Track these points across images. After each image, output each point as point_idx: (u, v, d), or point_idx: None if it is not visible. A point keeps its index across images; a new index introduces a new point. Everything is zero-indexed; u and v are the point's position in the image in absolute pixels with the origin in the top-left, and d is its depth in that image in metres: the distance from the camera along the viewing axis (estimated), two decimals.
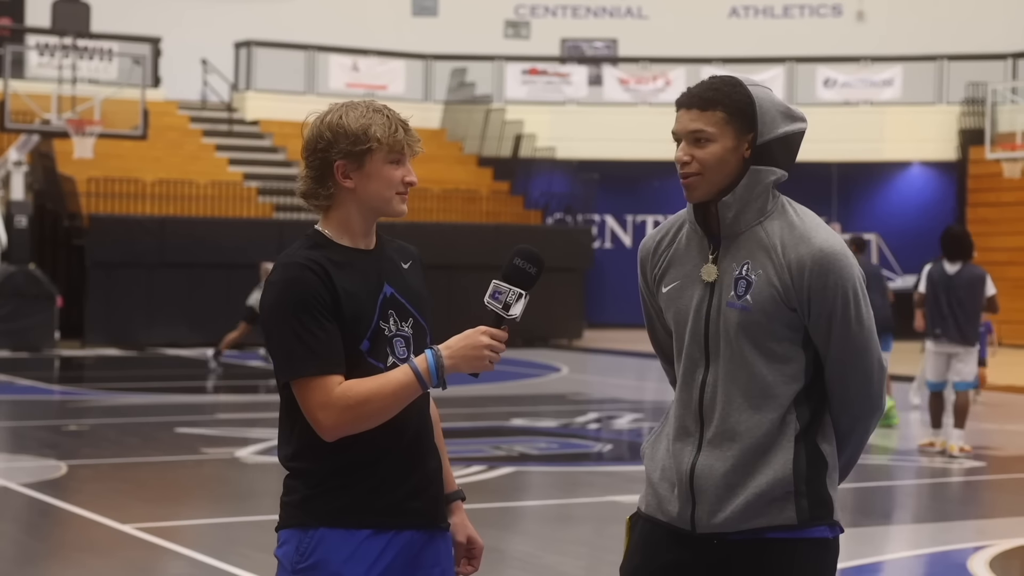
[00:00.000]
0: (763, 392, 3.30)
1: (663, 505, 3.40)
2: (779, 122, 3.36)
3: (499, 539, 8.68)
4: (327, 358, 3.26)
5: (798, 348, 3.32)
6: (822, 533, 3.35)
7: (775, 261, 3.30)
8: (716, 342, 3.33)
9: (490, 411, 15.19)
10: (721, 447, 3.32)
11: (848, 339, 3.31)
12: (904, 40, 32.16)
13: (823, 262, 3.29)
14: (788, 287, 3.28)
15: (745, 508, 3.29)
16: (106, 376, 19.81)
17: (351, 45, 32.07)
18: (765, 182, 3.35)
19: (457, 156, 31.32)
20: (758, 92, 3.35)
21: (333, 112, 3.38)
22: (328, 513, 3.32)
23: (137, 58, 26.27)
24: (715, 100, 3.31)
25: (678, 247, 3.44)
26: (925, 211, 30.55)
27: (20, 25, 30.40)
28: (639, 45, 33.57)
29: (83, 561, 8.18)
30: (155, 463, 11.77)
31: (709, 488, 3.32)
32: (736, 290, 3.31)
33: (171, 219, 25.09)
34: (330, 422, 3.25)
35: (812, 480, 3.32)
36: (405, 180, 3.42)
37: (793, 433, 3.31)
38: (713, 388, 3.33)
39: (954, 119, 30.67)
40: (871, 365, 3.36)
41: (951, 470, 12.10)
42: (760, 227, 3.34)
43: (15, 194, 23.44)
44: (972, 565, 8.13)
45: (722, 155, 3.30)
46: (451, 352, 3.30)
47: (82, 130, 23.21)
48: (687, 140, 3.33)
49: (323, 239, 3.41)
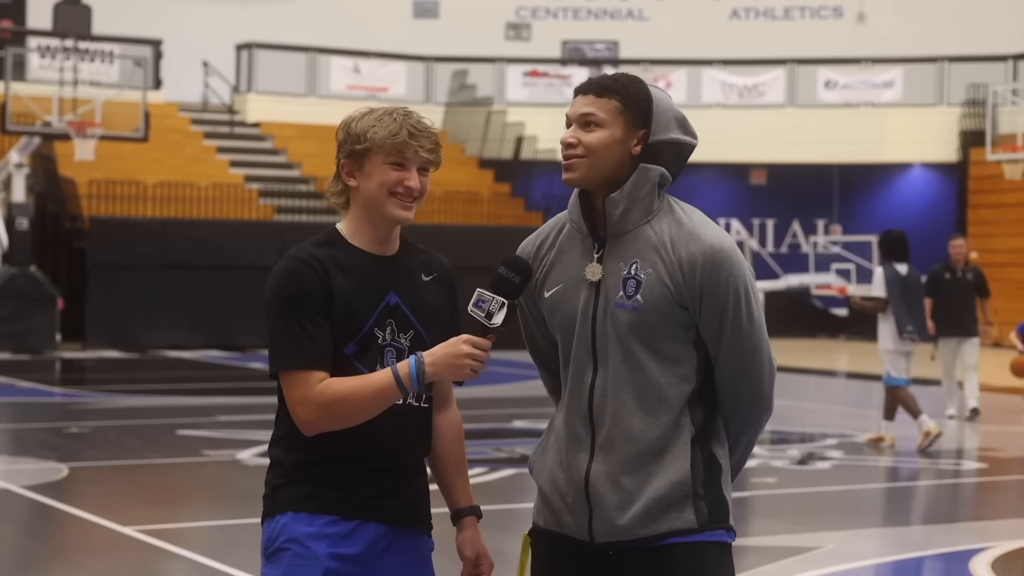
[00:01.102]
0: (655, 394, 3.22)
1: (558, 517, 3.31)
2: (673, 127, 3.29)
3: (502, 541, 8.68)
4: (311, 354, 3.29)
5: (690, 348, 3.25)
6: (722, 537, 3.27)
7: (665, 259, 3.22)
8: (604, 344, 3.24)
9: (492, 413, 15.18)
10: (615, 452, 3.23)
11: (739, 337, 3.24)
12: (905, 42, 32.16)
13: (714, 259, 3.21)
14: (680, 285, 3.21)
15: (644, 514, 3.21)
16: (107, 378, 19.80)
17: (352, 47, 32.08)
18: (653, 180, 3.26)
19: (458, 158, 31.33)
20: (657, 93, 3.30)
21: (354, 116, 3.46)
22: (292, 499, 3.36)
23: (138, 60, 26.28)
24: (612, 89, 3.27)
25: (560, 249, 3.36)
26: (926, 213, 30.54)
27: (21, 27, 30.42)
28: (640, 47, 33.57)
29: (84, 563, 8.17)
30: (156, 465, 11.77)
31: (605, 495, 3.23)
32: (625, 290, 3.23)
33: (172, 221, 25.09)
34: (308, 417, 3.29)
35: (709, 483, 3.25)
36: (405, 183, 3.39)
37: (688, 436, 3.23)
38: (603, 391, 3.24)
39: (955, 121, 30.67)
40: (761, 364, 3.29)
41: (952, 472, 12.10)
42: (648, 225, 3.26)
43: (16, 196, 23.44)
44: (974, 567, 8.12)
45: (609, 143, 3.26)
46: (433, 359, 3.28)
47: (83, 132, 23.21)
48: (577, 123, 3.30)
49: (337, 237, 3.44)
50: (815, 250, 31.50)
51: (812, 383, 19.68)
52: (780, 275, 30.80)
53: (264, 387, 18.48)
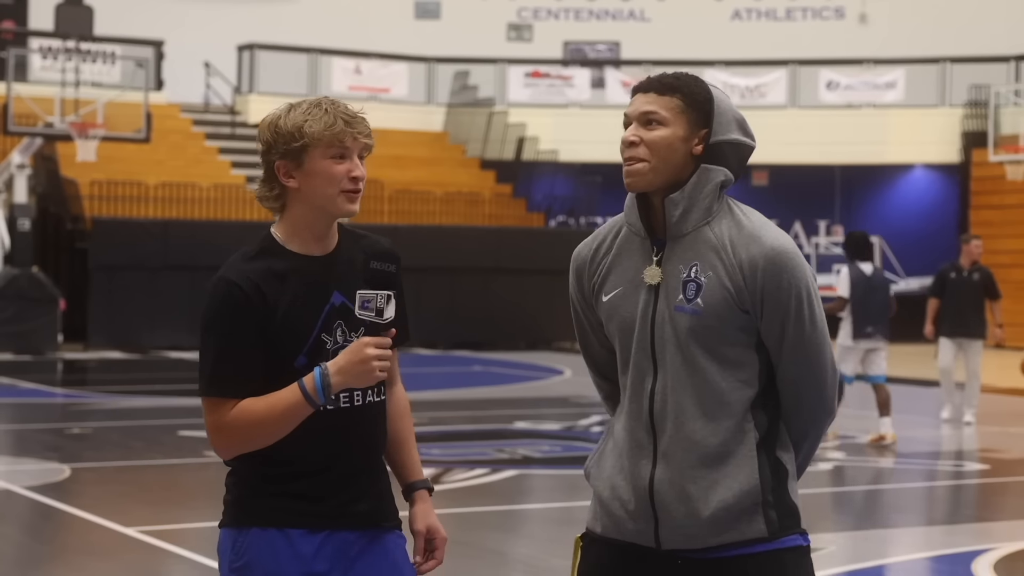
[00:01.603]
0: (716, 399, 3.16)
1: (620, 524, 3.24)
2: (733, 128, 3.22)
3: (502, 542, 8.68)
4: (229, 382, 3.24)
5: (751, 352, 3.19)
6: (795, 542, 3.23)
7: (726, 262, 3.15)
8: (664, 348, 3.18)
9: (493, 414, 15.17)
10: (677, 458, 3.17)
11: (802, 340, 3.18)
12: (907, 42, 32.16)
13: (776, 261, 3.14)
14: (741, 288, 3.14)
15: (713, 522, 3.15)
16: (109, 379, 19.81)
17: (354, 48, 32.09)
18: (714, 181, 3.19)
19: (460, 159, 31.33)
20: (717, 93, 3.23)
21: (276, 112, 3.32)
22: (261, 513, 3.31)
23: (140, 61, 26.28)
24: (674, 87, 3.20)
25: (618, 252, 3.29)
26: (928, 214, 30.55)
27: (23, 28, 30.43)
28: (642, 48, 33.57)
29: (86, 564, 8.17)
30: (158, 466, 11.77)
31: (671, 503, 3.17)
32: (685, 293, 3.16)
33: (174, 222, 25.09)
34: (221, 444, 3.28)
35: (777, 489, 3.20)
36: (351, 175, 3.29)
37: (753, 442, 3.17)
38: (663, 397, 3.18)
39: (957, 121, 30.66)
40: (824, 367, 3.23)
41: (954, 473, 12.09)
42: (707, 227, 3.18)
43: (18, 197, 23.45)
44: (976, 568, 8.12)
45: (672, 141, 3.18)
46: (338, 368, 3.21)
47: (85, 133, 23.21)
48: (638, 122, 3.22)
49: (272, 244, 3.35)
50: (817, 251, 31.50)
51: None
52: None
53: None
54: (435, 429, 13.61)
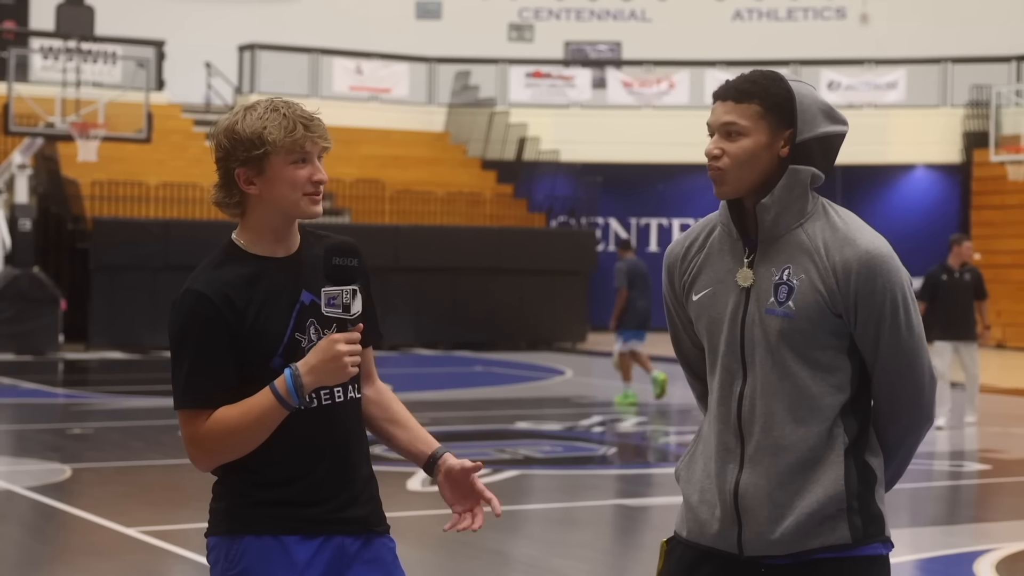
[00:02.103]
0: (808, 404, 3.11)
1: (704, 529, 3.21)
2: (820, 121, 3.16)
3: (504, 543, 8.67)
4: (200, 393, 3.24)
5: (843, 357, 3.15)
6: (876, 551, 3.20)
7: (819, 264, 3.11)
8: (753, 351, 3.14)
9: (494, 414, 15.16)
10: (764, 463, 3.13)
11: (898, 346, 3.13)
12: (908, 43, 32.15)
13: (871, 265, 3.11)
14: (834, 292, 3.10)
15: (796, 528, 3.11)
16: (110, 379, 19.81)
17: (355, 48, 32.09)
18: (804, 182, 3.15)
19: (461, 159, 31.33)
20: (799, 88, 3.17)
21: (232, 117, 3.26)
22: (255, 521, 3.29)
23: (141, 61, 26.28)
24: (751, 92, 3.14)
25: (710, 252, 3.25)
26: (929, 214, 30.54)
27: (24, 28, 30.43)
28: (643, 48, 33.57)
29: (87, 565, 8.17)
30: (159, 466, 11.77)
31: (756, 508, 3.13)
32: (777, 296, 3.12)
33: (175, 222, 25.09)
34: (199, 456, 3.27)
35: (863, 496, 3.16)
36: (313, 179, 3.25)
37: (842, 447, 3.13)
38: (752, 400, 3.14)
39: (958, 122, 30.65)
40: (922, 373, 3.18)
41: (956, 473, 12.08)
42: (800, 229, 3.15)
43: (19, 197, 23.45)
44: (978, 569, 8.11)
45: (754, 150, 3.12)
46: (309, 368, 3.18)
47: (86, 133, 23.21)
48: (719, 133, 3.16)
49: (236, 251, 3.31)
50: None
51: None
52: None
53: None
54: (436, 429, 13.58)
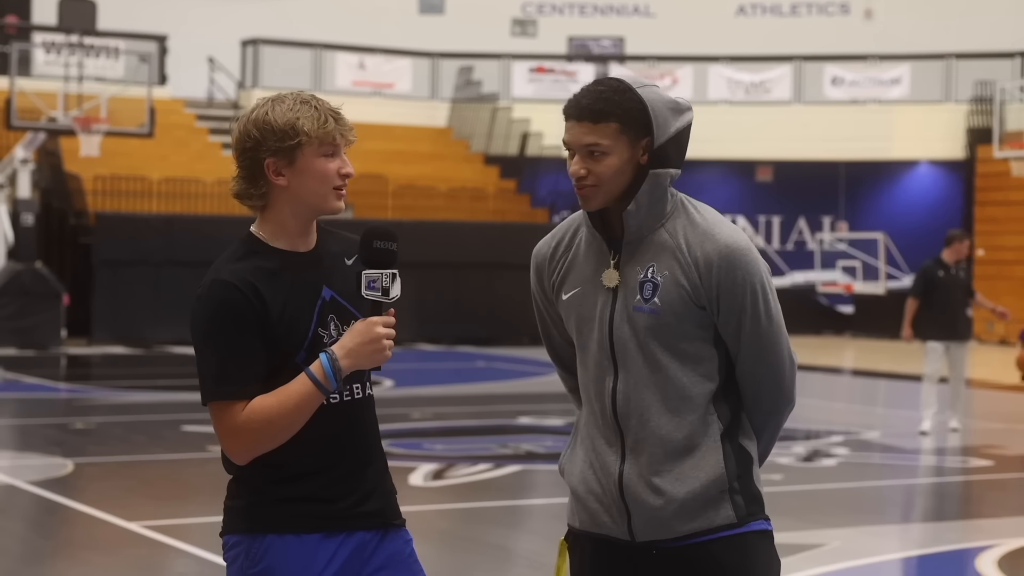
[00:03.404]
0: (679, 394, 3.23)
1: (596, 518, 3.32)
2: (671, 121, 3.24)
3: (506, 537, 8.67)
4: (236, 384, 3.20)
5: (710, 347, 3.26)
6: (762, 526, 3.30)
7: (681, 260, 3.22)
8: (624, 348, 3.24)
9: (497, 409, 15.16)
10: (645, 453, 3.24)
11: (758, 334, 3.25)
12: (912, 38, 32.12)
13: (730, 258, 3.21)
14: (696, 285, 3.21)
15: (682, 512, 3.23)
16: (112, 374, 19.81)
17: (358, 43, 32.07)
18: (664, 185, 3.25)
19: (463, 154, 31.31)
20: (647, 94, 3.23)
21: (259, 108, 3.26)
22: (276, 520, 3.27)
23: (143, 56, 26.26)
24: (606, 112, 3.20)
25: (576, 253, 3.34)
26: (933, 210, 30.52)
27: (26, 23, 30.42)
28: (646, 43, 33.55)
29: (89, 559, 8.17)
30: (162, 461, 11.77)
31: (641, 496, 3.24)
32: (642, 293, 3.23)
33: (178, 217, 25.09)
34: (236, 448, 3.22)
35: (742, 477, 3.27)
36: (341, 172, 3.28)
37: (717, 433, 3.25)
38: (625, 395, 3.25)
39: (962, 118, 30.62)
40: (782, 359, 3.30)
41: (958, 469, 12.08)
42: (662, 229, 3.25)
43: (21, 192, 23.44)
44: (980, 565, 8.11)
45: (619, 166, 3.21)
46: (346, 351, 3.19)
47: (88, 128, 23.20)
48: (581, 153, 3.25)
49: (257, 244, 3.29)
50: (821, 247, 31.48)
51: (818, 380, 19.65)
52: (786, 272, 30.78)
53: None
54: (438, 424, 13.58)
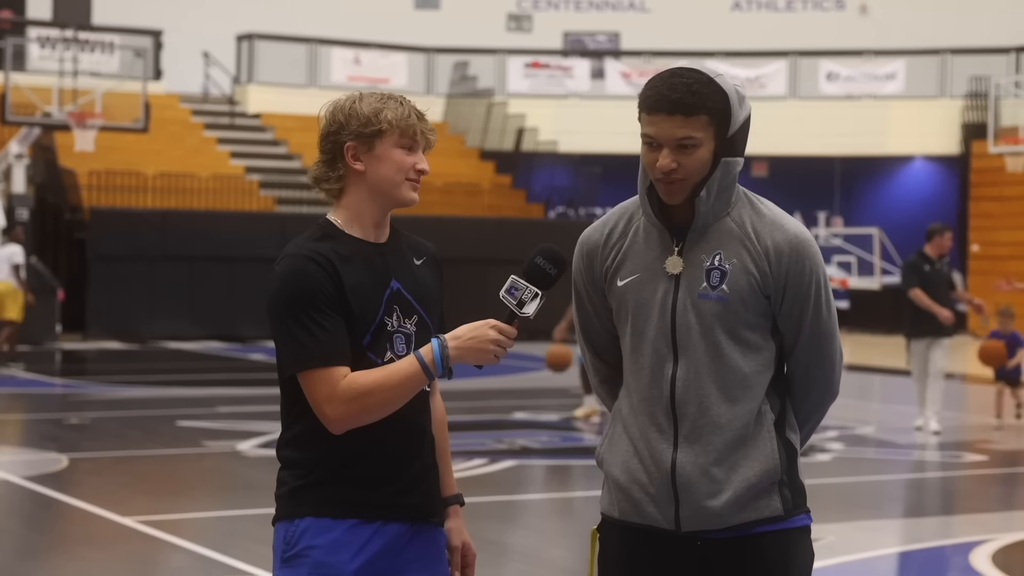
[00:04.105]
0: (740, 383, 3.24)
1: (639, 507, 3.29)
2: (739, 110, 3.28)
3: (501, 533, 8.67)
4: (332, 351, 3.24)
5: (768, 336, 3.28)
6: (804, 521, 3.34)
7: (751, 249, 3.24)
8: (686, 335, 3.24)
9: (492, 404, 15.17)
10: (701, 442, 3.23)
11: (819, 325, 3.29)
12: (907, 34, 32.13)
13: (799, 248, 3.26)
14: (766, 274, 3.23)
15: (734, 502, 3.23)
16: (107, 369, 19.80)
17: (353, 38, 32.05)
18: (734, 173, 3.27)
19: (459, 149, 31.30)
20: (725, 84, 3.25)
21: (348, 98, 3.40)
22: (313, 503, 3.31)
23: (138, 51, 26.25)
24: (698, 105, 3.20)
25: (634, 239, 3.33)
26: (927, 205, 30.54)
27: (21, 17, 30.38)
28: (641, 39, 33.54)
29: (84, 554, 8.17)
30: (156, 456, 11.77)
31: (693, 485, 3.23)
32: (709, 281, 3.23)
33: (173, 212, 25.07)
34: (337, 415, 3.23)
35: (790, 470, 3.31)
36: (416, 167, 3.37)
37: (771, 423, 3.28)
38: (685, 382, 3.24)
39: (957, 113, 30.64)
40: (835, 351, 3.35)
41: (952, 464, 12.09)
42: (728, 217, 3.27)
43: (16, 187, 23.42)
44: (974, 559, 8.12)
45: (707, 158, 3.22)
46: (458, 343, 3.27)
47: (83, 123, 23.18)
48: (671, 147, 3.20)
49: (333, 229, 3.37)
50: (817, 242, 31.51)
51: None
52: None
53: (264, 379, 18.47)
54: None
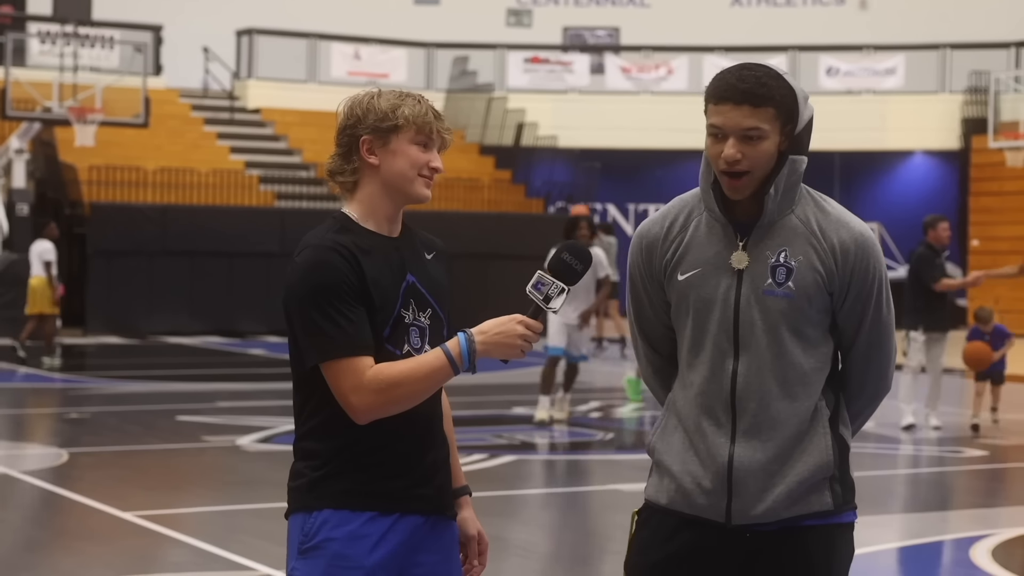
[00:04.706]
0: (800, 379, 3.28)
1: (690, 498, 3.32)
2: (805, 110, 3.29)
3: (501, 527, 8.67)
4: (358, 341, 3.26)
5: (827, 333, 3.32)
6: (851, 517, 3.38)
7: (816, 246, 3.27)
8: (749, 331, 3.27)
9: (492, 399, 15.17)
10: (759, 437, 3.27)
11: (879, 322, 3.34)
12: (907, 28, 32.12)
13: (864, 246, 3.29)
14: (832, 271, 3.27)
15: (787, 496, 3.26)
16: (107, 364, 19.80)
17: (353, 33, 32.04)
18: (800, 171, 3.30)
19: (459, 144, 31.27)
20: (792, 81, 3.29)
21: (367, 94, 3.43)
22: (332, 495, 3.32)
23: (138, 46, 26.23)
24: (767, 96, 3.21)
25: (696, 233, 3.34)
26: (927, 200, 30.51)
27: (21, 13, 30.37)
28: (641, 34, 33.52)
29: (84, 549, 8.17)
30: (156, 451, 11.77)
31: (749, 479, 3.26)
32: (775, 277, 3.26)
33: (172, 207, 25.07)
34: (363, 404, 3.25)
35: (842, 465, 3.36)
36: (430, 165, 3.40)
37: (825, 419, 3.32)
38: (746, 378, 3.27)
39: (957, 108, 30.63)
40: (892, 349, 3.41)
41: (953, 459, 12.09)
42: (792, 214, 3.30)
43: (16, 182, 23.42)
44: (975, 554, 8.12)
45: (772, 151, 3.23)
46: (485, 337, 3.28)
47: (83, 118, 23.18)
48: (737, 137, 3.21)
49: (349, 222, 3.39)
50: None
51: None
52: None
53: (264, 373, 18.47)
54: None
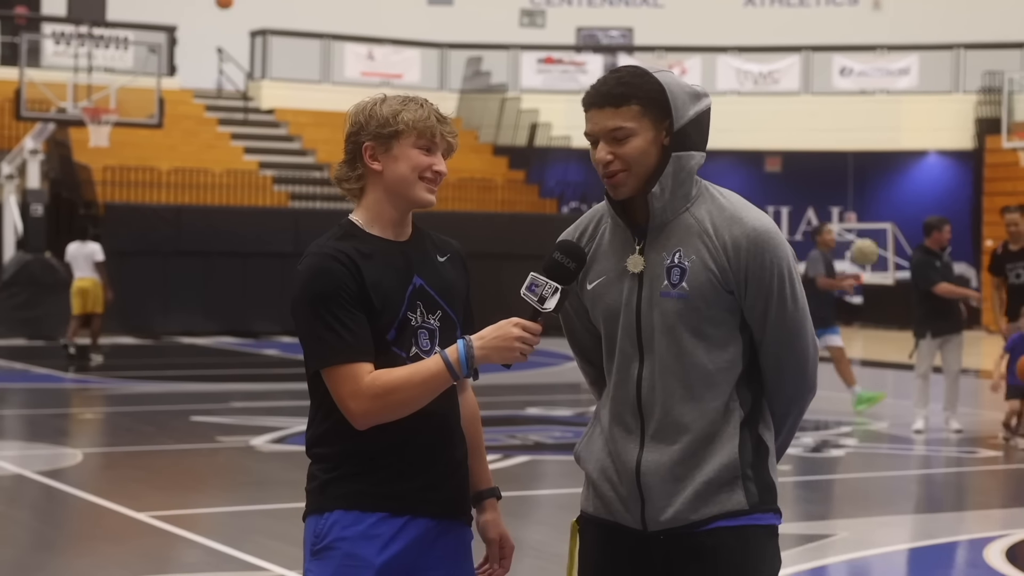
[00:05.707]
0: (704, 381, 3.24)
1: (610, 506, 3.34)
2: (689, 104, 3.26)
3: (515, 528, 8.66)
4: (356, 347, 3.28)
5: (735, 332, 3.27)
6: (770, 520, 3.31)
7: (709, 245, 3.23)
8: (650, 334, 3.26)
9: (505, 400, 15.17)
10: (666, 441, 3.26)
11: (784, 319, 3.26)
12: (920, 28, 32.06)
13: (758, 241, 3.23)
14: (725, 269, 3.22)
15: (694, 498, 3.23)
16: (121, 364, 19.83)
17: (366, 34, 32.07)
18: (688, 167, 3.26)
19: (472, 145, 31.30)
20: (665, 78, 3.26)
21: (372, 100, 3.45)
22: (343, 496, 3.34)
23: (153, 47, 26.28)
24: (627, 95, 3.23)
25: (601, 241, 3.36)
26: (941, 200, 30.46)
27: (36, 14, 30.44)
28: (655, 34, 33.51)
29: (98, 549, 8.19)
30: (170, 451, 11.78)
31: (657, 484, 3.25)
32: (670, 278, 3.24)
33: (186, 208, 25.10)
34: (360, 410, 3.27)
35: (757, 466, 3.28)
36: (433, 168, 3.41)
37: (738, 420, 3.26)
38: (651, 381, 3.26)
39: (970, 108, 30.56)
40: (807, 345, 3.32)
41: (966, 460, 12.07)
42: (687, 213, 3.27)
43: (31, 182, 23.47)
44: (988, 555, 8.11)
45: (644, 147, 3.23)
46: (483, 343, 3.28)
47: (98, 119, 23.22)
48: (605, 139, 3.26)
49: (354, 229, 3.42)
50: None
51: (826, 371, 19.61)
52: None
53: (278, 374, 18.49)
54: None
